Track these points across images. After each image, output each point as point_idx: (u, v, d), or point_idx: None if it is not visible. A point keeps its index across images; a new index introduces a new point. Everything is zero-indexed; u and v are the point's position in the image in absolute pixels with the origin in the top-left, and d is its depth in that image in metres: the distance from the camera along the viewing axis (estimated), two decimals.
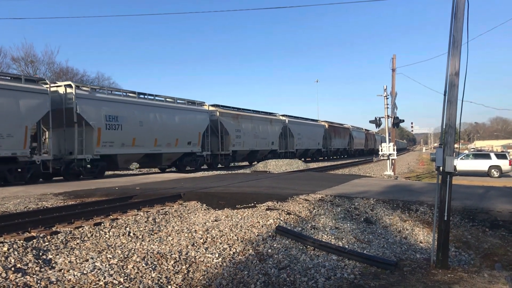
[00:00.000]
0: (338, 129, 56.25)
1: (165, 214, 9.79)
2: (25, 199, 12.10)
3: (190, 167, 27.24)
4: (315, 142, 46.39)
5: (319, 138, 47.99)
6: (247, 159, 36.69)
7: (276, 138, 38.53)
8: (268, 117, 38.23)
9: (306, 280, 5.96)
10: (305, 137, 43.48)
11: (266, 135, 36.57)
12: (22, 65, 46.01)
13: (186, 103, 27.13)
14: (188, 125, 26.15)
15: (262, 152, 36.45)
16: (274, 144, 38.12)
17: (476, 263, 7.77)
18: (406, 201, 11.15)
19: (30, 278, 5.42)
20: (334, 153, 55.48)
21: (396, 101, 26.81)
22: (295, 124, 42.22)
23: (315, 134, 46.61)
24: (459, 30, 6.66)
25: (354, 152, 64.64)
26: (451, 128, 6.76)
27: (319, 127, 48.97)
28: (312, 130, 46.10)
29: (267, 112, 39.82)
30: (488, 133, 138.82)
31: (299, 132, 42.06)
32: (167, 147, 24.47)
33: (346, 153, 60.77)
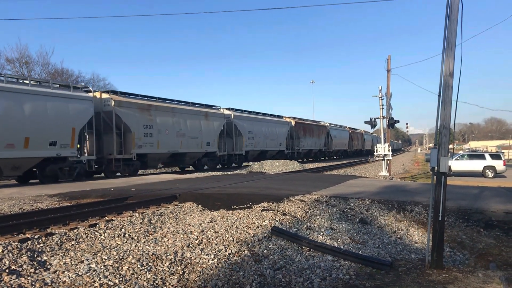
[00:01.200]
0: (310, 126, 48.62)
1: (161, 215, 9.78)
2: (20, 201, 12.04)
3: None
4: (275, 142, 39.31)
5: (281, 138, 40.83)
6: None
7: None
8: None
9: (302, 280, 5.96)
10: (261, 136, 36.67)
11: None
12: (16, 66, 45.74)
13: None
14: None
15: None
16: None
17: (470, 263, 7.80)
18: (401, 202, 11.18)
19: (25, 280, 5.40)
20: (305, 155, 48.11)
21: (391, 102, 26.88)
22: (245, 120, 35.06)
23: (274, 133, 39.48)
24: (453, 31, 6.70)
25: (334, 154, 58.17)
26: (445, 128, 6.79)
27: (282, 125, 41.62)
28: (271, 128, 39.07)
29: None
30: (482, 133, 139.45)
31: (250, 130, 35.07)
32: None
33: (322, 154, 53.21)
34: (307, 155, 48.49)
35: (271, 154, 38.84)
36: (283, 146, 40.43)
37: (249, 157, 35.13)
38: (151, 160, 24.70)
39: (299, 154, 45.18)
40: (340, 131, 60.50)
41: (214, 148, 29.52)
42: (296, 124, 44.73)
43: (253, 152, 35.30)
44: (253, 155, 36.00)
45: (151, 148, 23.87)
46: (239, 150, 33.03)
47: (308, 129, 47.63)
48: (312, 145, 48.51)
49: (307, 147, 47.01)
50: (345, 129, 63.79)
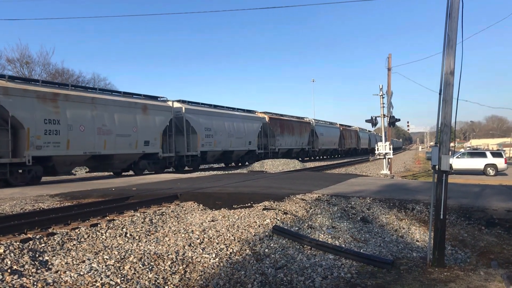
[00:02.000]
0: (289, 123, 42.24)
1: (162, 214, 9.78)
2: (21, 201, 12.06)
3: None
4: (242, 141, 33.28)
5: (251, 136, 34.73)
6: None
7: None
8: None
9: (303, 279, 5.97)
10: (223, 133, 30.77)
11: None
12: (17, 66, 45.85)
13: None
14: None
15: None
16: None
17: (472, 261, 7.80)
18: (402, 200, 11.18)
19: (27, 280, 5.41)
20: (284, 155, 40.93)
21: (392, 100, 26.86)
22: (201, 115, 29.06)
23: (242, 130, 33.18)
24: (454, 29, 6.69)
25: (321, 153, 52.36)
26: (446, 127, 6.79)
27: (252, 121, 35.39)
28: (238, 124, 32.85)
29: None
30: (483, 131, 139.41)
31: (208, 126, 29.29)
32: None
33: (306, 154, 46.60)
34: (286, 155, 41.32)
35: (238, 154, 33.89)
36: (253, 145, 34.61)
37: (208, 158, 29.97)
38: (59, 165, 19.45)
39: (275, 154, 38.91)
40: (329, 128, 54.40)
41: (156, 149, 24.45)
42: (271, 120, 38.60)
43: (212, 153, 30.14)
44: (213, 156, 30.79)
45: (56, 150, 18.54)
46: (193, 150, 27.72)
47: (286, 125, 41.30)
48: (292, 144, 42.18)
49: (285, 146, 40.71)
50: (335, 126, 57.68)
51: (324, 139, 50.99)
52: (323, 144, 50.51)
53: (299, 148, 44.34)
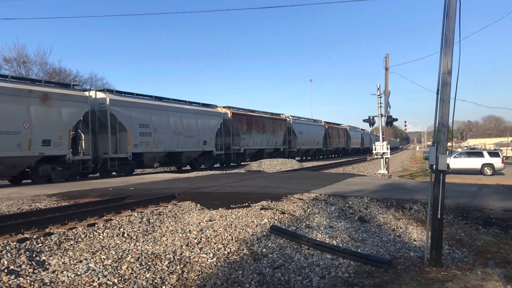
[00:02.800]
0: (259, 120, 36.59)
1: (159, 214, 9.77)
2: (18, 201, 12.02)
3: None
4: (195, 140, 27.65)
5: (208, 134, 28.99)
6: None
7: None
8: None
9: (301, 279, 5.97)
10: (168, 131, 25.20)
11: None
12: (14, 65, 45.62)
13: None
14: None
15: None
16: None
17: (469, 260, 7.81)
18: (399, 200, 11.19)
19: (24, 280, 5.39)
20: (254, 156, 36.25)
21: (389, 100, 26.91)
22: (134, 108, 23.11)
23: (194, 128, 27.67)
24: (451, 29, 6.70)
25: (302, 154, 46.75)
26: (444, 126, 6.80)
27: (209, 117, 29.60)
28: (189, 120, 27.27)
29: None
30: (481, 131, 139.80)
31: (145, 122, 23.63)
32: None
33: (281, 154, 40.41)
34: (255, 156, 36.30)
35: (189, 156, 27.94)
36: (209, 145, 29.03)
37: (145, 161, 24.06)
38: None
39: (240, 155, 33.70)
40: (310, 126, 48.73)
41: (61, 150, 18.79)
42: (235, 116, 32.99)
43: (151, 155, 24.23)
44: (153, 158, 24.87)
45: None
46: (123, 152, 22.09)
47: (255, 122, 35.70)
48: (263, 144, 36.76)
49: (254, 146, 35.27)
50: (319, 124, 52.38)
51: (304, 138, 45.50)
52: (303, 143, 44.97)
53: (272, 148, 38.88)
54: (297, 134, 43.56)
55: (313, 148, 49.14)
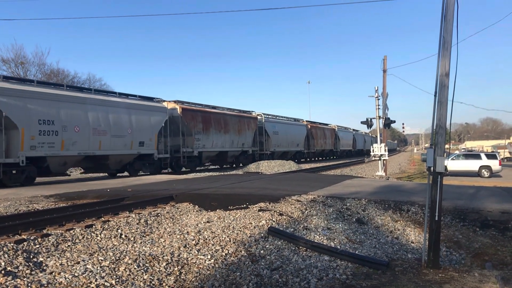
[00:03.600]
0: (219, 117, 31.35)
1: (157, 215, 9.76)
2: (16, 202, 12.00)
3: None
4: (127, 142, 22.26)
5: (146, 134, 23.47)
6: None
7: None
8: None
9: (298, 280, 5.96)
10: (82, 130, 19.70)
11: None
12: (12, 66, 45.59)
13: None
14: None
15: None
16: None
17: (467, 262, 7.83)
18: (397, 202, 11.21)
19: (21, 281, 5.38)
20: (215, 160, 33.05)
21: (387, 102, 26.99)
22: (33, 99, 17.73)
23: (125, 126, 22.16)
24: (449, 31, 6.72)
25: (277, 156, 39.99)
26: (441, 128, 6.81)
27: (150, 112, 24.02)
28: (119, 116, 21.83)
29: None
30: (478, 133, 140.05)
31: (50, 118, 18.29)
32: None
33: (252, 157, 35.71)
34: (218, 160, 32.78)
35: (119, 161, 22.38)
36: (149, 147, 23.48)
37: (51, 167, 18.74)
38: None
39: (194, 159, 28.32)
40: (288, 125, 43.48)
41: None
42: (186, 112, 27.70)
43: (61, 159, 19.03)
44: (64, 163, 19.50)
45: None
46: (13, 156, 16.95)
47: (215, 120, 30.55)
48: (225, 145, 31.62)
49: (213, 147, 30.23)
50: (299, 123, 47.66)
51: (280, 138, 40.59)
52: (278, 145, 40.25)
53: (238, 150, 33.65)
54: (270, 135, 38.71)
55: (292, 150, 44.02)
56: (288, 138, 42.67)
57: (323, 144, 53.14)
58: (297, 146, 45.06)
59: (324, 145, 53.45)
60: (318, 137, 51.34)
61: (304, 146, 46.77)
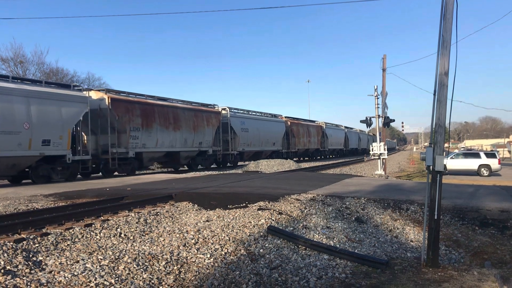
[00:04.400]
0: (166, 111, 25.84)
1: (157, 214, 9.76)
2: (15, 201, 11.99)
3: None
4: (18, 141, 16.94)
5: (53, 131, 18.35)
6: None
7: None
8: None
9: (298, 279, 5.97)
10: None
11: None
12: (11, 65, 45.47)
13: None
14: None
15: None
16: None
17: (466, 261, 7.84)
18: (396, 200, 11.21)
19: (20, 280, 5.38)
20: (165, 162, 28.14)
21: (386, 101, 27.02)
22: None
23: (19, 119, 16.97)
24: (448, 30, 6.72)
25: (249, 157, 36.39)
26: (441, 127, 6.82)
27: (61, 103, 18.82)
28: (11, 106, 16.73)
29: None
30: (477, 132, 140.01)
31: None
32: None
33: (213, 159, 31.10)
34: (169, 162, 27.91)
35: (13, 165, 17.21)
36: (59, 147, 18.50)
37: None
38: None
39: (131, 161, 23.34)
40: (261, 122, 37.81)
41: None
42: (116, 103, 22.36)
43: None
44: None
45: None
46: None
47: (160, 114, 25.03)
48: (176, 144, 26.30)
49: (158, 147, 24.91)
50: (277, 119, 41.75)
51: (251, 137, 35.12)
52: (248, 144, 34.84)
53: (194, 150, 28.13)
54: (238, 132, 33.14)
55: (267, 149, 38.55)
56: (262, 136, 37.10)
57: (307, 142, 47.48)
58: (273, 145, 39.56)
59: (308, 144, 47.76)
60: (300, 135, 45.75)
61: (282, 145, 41.54)
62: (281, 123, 42.09)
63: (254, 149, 36.21)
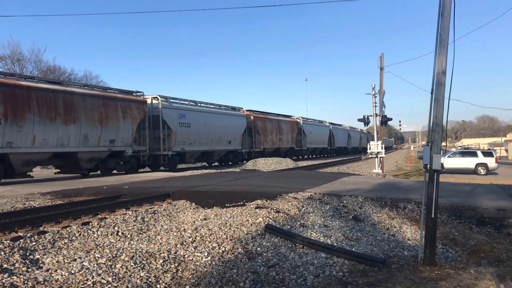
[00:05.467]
0: (51, 97, 18.27)
1: (154, 213, 9.75)
2: (12, 199, 11.96)
3: None
4: None
5: None
6: None
7: None
8: None
9: (295, 278, 5.98)
10: None
11: None
12: (8, 63, 45.38)
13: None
14: None
15: None
16: None
17: (463, 259, 7.86)
18: (394, 199, 11.24)
19: (17, 279, 5.37)
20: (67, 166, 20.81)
21: (384, 100, 27.04)
22: None
23: None
24: (446, 29, 6.73)
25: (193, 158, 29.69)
26: (438, 126, 6.83)
27: None
28: None
29: None
30: (475, 131, 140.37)
31: None
32: None
33: (127, 163, 23.02)
34: (68, 166, 20.72)
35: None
36: None
37: None
38: None
39: None
40: (210, 115, 30.09)
41: None
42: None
43: None
44: None
45: None
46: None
47: (20, 100, 17.07)
48: (63, 142, 19.00)
49: (34, 147, 17.59)
50: (235, 113, 33.73)
51: (194, 134, 27.89)
52: (190, 142, 27.48)
53: (101, 150, 21.28)
54: (174, 127, 25.95)
55: (219, 149, 31.22)
56: (211, 133, 29.58)
57: (277, 141, 39.88)
58: (229, 144, 32.06)
59: (278, 142, 40.14)
60: (268, 131, 38.21)
61: (242, 144, 34.18)
62: (241, 118, 34.22)
63: (200, 149, 28.88)
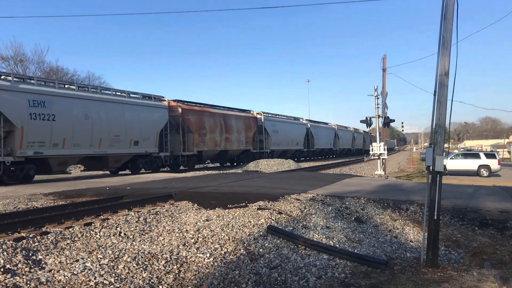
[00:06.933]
0: None
1: (156, 214, 9.76)
2: (15, 199, 11.98)
3: None
4: None
5: None
6: None
7: None
8: None
9: (297, 279, 5.97)
10: None
11: None
12: (11, 64, 45.46)
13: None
14: None
15: None
16: None
17: (465, 261, 7.84)
18: (396, 200, 11.21)
19: (20, 279, 5.38)
20: None
21: (386, 101, 27.02)
22: None
23: None
24: (448, 30, 6.72)
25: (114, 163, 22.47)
26: (441, 128, 6.82)
27: None
28: None
29: None
30: (477, 133, 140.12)
31: None
32: None
33: None
34: None
35: None
36: None
37: None
38: None
39: None
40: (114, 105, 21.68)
41: None
42: None
43: None
44: None
45: None
46: None
47: None
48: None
49: None
50: (151, 103, 24.34)
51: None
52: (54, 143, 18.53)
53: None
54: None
55: (122, 153, 22.31)
56: (104, 131, 21.00)
57: (221, 141, 30.85)
58: (135, 146, 22.92)
59: (224, 144, 31.19)
60: (207, 129, 29.08)
61: (155, 144, 24.41)
62: (161, 110, 25.13)
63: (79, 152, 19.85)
